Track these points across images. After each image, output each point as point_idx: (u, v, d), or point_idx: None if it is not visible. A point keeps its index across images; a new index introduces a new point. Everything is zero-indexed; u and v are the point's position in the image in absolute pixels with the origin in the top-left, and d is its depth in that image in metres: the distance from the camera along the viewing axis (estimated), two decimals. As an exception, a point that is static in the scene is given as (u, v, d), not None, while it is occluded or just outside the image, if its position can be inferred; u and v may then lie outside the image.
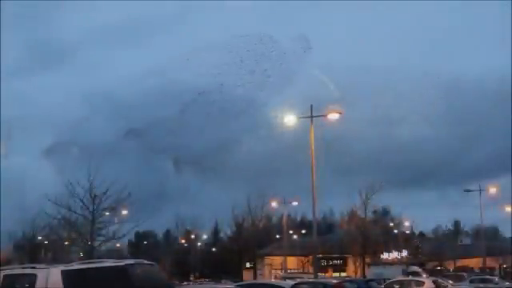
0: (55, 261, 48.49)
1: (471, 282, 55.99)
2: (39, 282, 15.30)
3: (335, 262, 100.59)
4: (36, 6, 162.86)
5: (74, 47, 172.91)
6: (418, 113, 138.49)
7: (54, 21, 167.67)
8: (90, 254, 47.56)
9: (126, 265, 15.52)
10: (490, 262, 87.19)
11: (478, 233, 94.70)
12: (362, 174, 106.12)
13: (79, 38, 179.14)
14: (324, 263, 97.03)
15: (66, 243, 64.50)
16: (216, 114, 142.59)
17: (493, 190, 75.73)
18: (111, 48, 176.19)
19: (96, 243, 50.38)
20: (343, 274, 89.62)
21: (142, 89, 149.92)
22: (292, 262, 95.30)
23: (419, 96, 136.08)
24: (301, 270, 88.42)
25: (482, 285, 53.96)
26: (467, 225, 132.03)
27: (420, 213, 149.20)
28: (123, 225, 53.17)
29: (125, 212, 54.33)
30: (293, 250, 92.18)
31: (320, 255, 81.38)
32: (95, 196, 48.20)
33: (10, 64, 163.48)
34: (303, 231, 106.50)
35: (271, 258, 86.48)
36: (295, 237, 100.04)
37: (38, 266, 16.70)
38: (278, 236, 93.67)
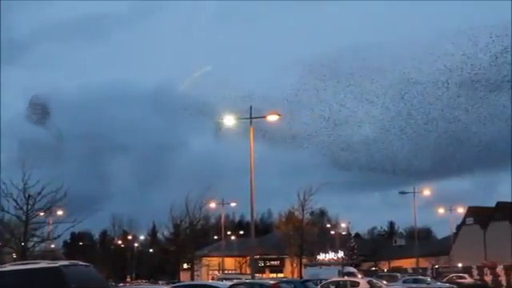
0: (-13, 262, 47.29)
1: (404, 282, 57.22)
2: (-31, 284, 14.96)
3: (272, 262, 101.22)
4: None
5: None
6: (361, 113, 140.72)
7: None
8: (24, 255, 46.62)
9: (61, 266, 15.29)
10: (423, 263, 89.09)
11: (412, 234, 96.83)
12: (301, 176, 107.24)
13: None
14: (261, 264, 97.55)
15: (-1, 244, 62.88)
16: (157, 115, 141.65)
17: (427, 193, 77.47)
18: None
19: (30, 244, 49.41)
20: (280, 275, 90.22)
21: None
22: (229, 262, 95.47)
23: (362, 96, 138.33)
24: (238, 271, 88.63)
25: (414, 285, 55.24)
26: (402, 226, 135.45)
27: (356, 214, 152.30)
28: (58, 225, 52.37)
29: (60, 212, 53.41)
30: (230, 251, 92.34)
31: (257, 256, 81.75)
32: (29, 196, 47.24)
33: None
34: (241, 232, 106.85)
35: (209, 258, 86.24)
36: (233, 238, 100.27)
37: (-32, 267, 16.29)
38: (215, 237, 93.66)
